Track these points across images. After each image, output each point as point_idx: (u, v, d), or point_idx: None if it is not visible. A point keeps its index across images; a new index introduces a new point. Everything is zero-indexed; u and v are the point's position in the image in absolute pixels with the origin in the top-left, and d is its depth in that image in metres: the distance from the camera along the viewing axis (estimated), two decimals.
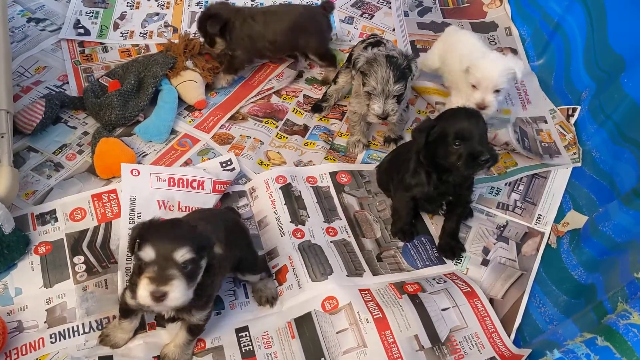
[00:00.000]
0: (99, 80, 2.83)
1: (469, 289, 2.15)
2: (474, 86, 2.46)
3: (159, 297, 1.52)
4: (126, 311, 1.88)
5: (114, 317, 2.04)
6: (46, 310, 2.07)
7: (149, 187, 2.27)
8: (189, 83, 2.77)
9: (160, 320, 2.02)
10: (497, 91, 2.43)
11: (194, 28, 2.98)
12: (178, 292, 1.54)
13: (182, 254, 1.54)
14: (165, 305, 1.56)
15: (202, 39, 2.89)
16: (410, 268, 2.29)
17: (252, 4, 3.45)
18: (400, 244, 2.37)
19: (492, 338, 2.04)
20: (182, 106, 2.82)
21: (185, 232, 1.62)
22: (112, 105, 2.62)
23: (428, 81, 2.99)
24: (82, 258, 2.21)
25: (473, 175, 2.23)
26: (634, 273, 1.51)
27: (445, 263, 2.31)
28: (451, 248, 2.31)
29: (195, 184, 2.34)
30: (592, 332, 1.38)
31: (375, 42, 2.55)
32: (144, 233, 1.59)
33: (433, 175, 2.15)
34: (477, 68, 2.43)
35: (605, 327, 1.37)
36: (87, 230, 2.29)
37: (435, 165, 2.12)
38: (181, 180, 2.32)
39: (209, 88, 2.91)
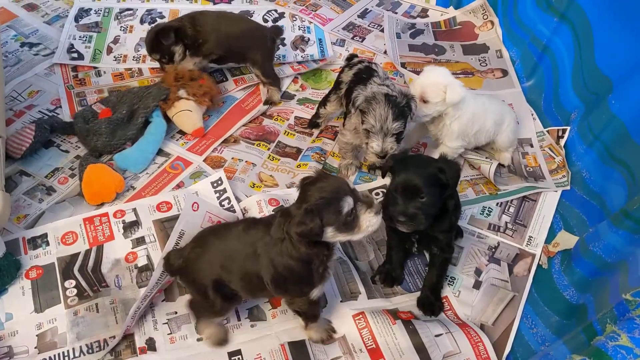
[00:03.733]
0: (92, 106, 2.83)
1: (460, 322, 2.15)
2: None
3: None
4: None
5: (105, 341, 2.04)
6: (37, 335, 2.06)
7: (199, 225, 2.17)
8: (184, 113, 2.77)
9: None
10: (424, 101, 2.44)
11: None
12: None
13: None
14: None
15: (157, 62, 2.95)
16: (403, 291, 2.28)
17: None
18: None
19: None
20: (175, 129, 2.84)
21: None
22: (99, 132, 2.63)
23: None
24: (73, 282, 2.21)
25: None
26: (623, 294, 1.52)
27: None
28: (430, 304, 2.20)
29: None
30: (582, 354, 1.38)
31: (365, 68, 2.51)
32: None
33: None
34: (420, 75, 2.52)
35: (594, 349, 1.37)
36: (78, 254, 2.29)
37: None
38: (219, 222, 2.26)
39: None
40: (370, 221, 1.71)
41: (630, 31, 2.44)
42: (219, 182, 2.51)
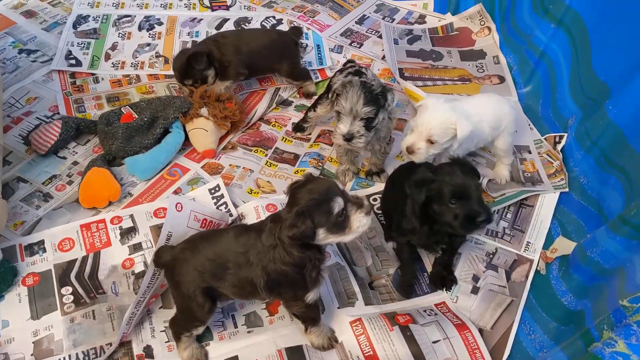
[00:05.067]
0: (121, 108, 2.82)
1: (459, 322, 2.14)
2: (412, 129, 2.35)
3: None
4: None
5: (101, 348, 2.03)
6: (33, 342, 2.05)
7: (186, 225, 2.16)
8: (199, 131, 2.73)
9: None
10: (431, 142, 2.28)
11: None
12: None
13: None
14: None
15: (187, 87, 2.90)
16: (401, 297, 2.28)
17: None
18: (391, 270, 2.36)
19: None
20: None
21: None
22: (115, 136, 2.64)
23: (417, 87, 3.04)
24: (70, 289, 2.20)
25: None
26: (620, 300, 1.51)
27: (437, 290, 2.30)
28: (442, 278, 2.28)
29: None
30: None
31: (355, 71, 2.51)
32: None
33: (425, 227, 2.10)
34: (421, 110, 2.33)
35: (591, 356, 1.36)
36: (75, 260, 2.29)
37: (429, 217, 2.06)
38: (211, 223, 2.26)
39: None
40: (360, 221, 1.72)
41: (627, 37, 2.44)
42: (217, 188, 2.51)
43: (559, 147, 2.74)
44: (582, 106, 2.69)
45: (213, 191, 2.50)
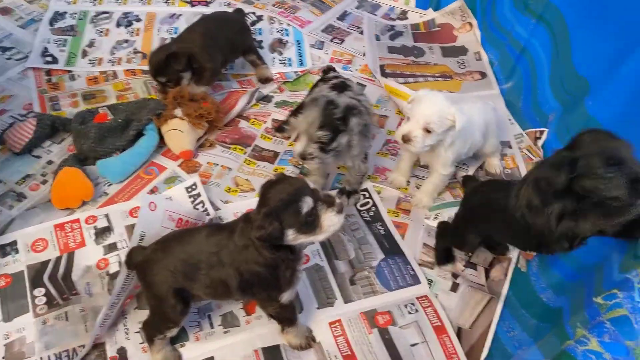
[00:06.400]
0: (98, 109, 2.77)
1: (438, 323, 2.13)
2: (408, 118, 2.31)
3: None
4: None
5: (74, 350, 2.00)
6: (4, 345, 2.01)
7: (160, 225, 2.12)
8: (174, 132, 2.67)
9: None
10: (428, 131, 2.25)
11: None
12: None
13: None
14: None
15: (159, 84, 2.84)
16: (384, 290, 2.25)
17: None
18: (374, 263, 2.33)
19: None
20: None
21: None
22: (88, 135, 2.58)
23: (399, 84, 3.03)
24: (43, 290, 2.16)
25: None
26: (595, 297, 1.50)
27: (420, 283, 2.28)
28: None
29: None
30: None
31: (341, 83, 2.39)
32: None
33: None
34: (418, 101, 2.30)
35: (564, 354, 1.35)
36: (48, 261, 2.24)
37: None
38: (187, 223, 2.23)
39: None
40: (332, 220, 1.68)
41: (606, 32, 2.43)
42: (194, 187, 2.47)
43: (540, 142, 2.74)
44: (562, 102, 2.69)
45: (190, 190, 2.47)
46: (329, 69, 2.69)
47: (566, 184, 1.53)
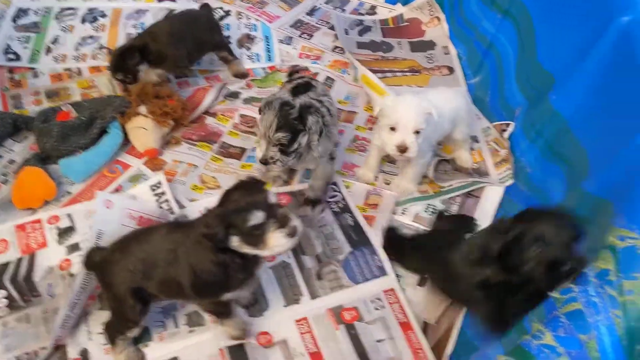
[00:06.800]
0: (61, 106, 2.72)
1: (404, 319, 2.14)
2: (392, 128, 2.29)
3: None
4: None
5: (35, 352, 1.97)
6: None
7: (119, 223, 2.09)
8: (138, 130, 2.62)
9: None
10: (417, 132, 2.26)
11: None
12: None
13: None
14: None
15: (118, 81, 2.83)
16: (350, 283, 2.25)
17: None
18: (341, 257, 2.32)
19: None
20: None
21: None
22: (50, 134, 2.54)
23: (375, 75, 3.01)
24: (5, 293, 2.12)
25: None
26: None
27: (387, 274, 2.27)
28: None
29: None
30: (509, 355, 1.37)
31: (304, 83, 2.38)
32: None
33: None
34: (393, 109, 2.28)
35: (519, 349, 1.36)
36: (9, 263, 2.20)
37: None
38: (149, 221, 2.20)
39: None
40: (278, 241, 1.63)
41: (570, 26, 2.44)
42: (158, 185, 2.45)
43: (506, 134, 2.75)
44: (527, 97, 2.70)
45: (154, 188, 2.44)
46: (294, 72, 2.68)
47: (498, 252, 1.59)
